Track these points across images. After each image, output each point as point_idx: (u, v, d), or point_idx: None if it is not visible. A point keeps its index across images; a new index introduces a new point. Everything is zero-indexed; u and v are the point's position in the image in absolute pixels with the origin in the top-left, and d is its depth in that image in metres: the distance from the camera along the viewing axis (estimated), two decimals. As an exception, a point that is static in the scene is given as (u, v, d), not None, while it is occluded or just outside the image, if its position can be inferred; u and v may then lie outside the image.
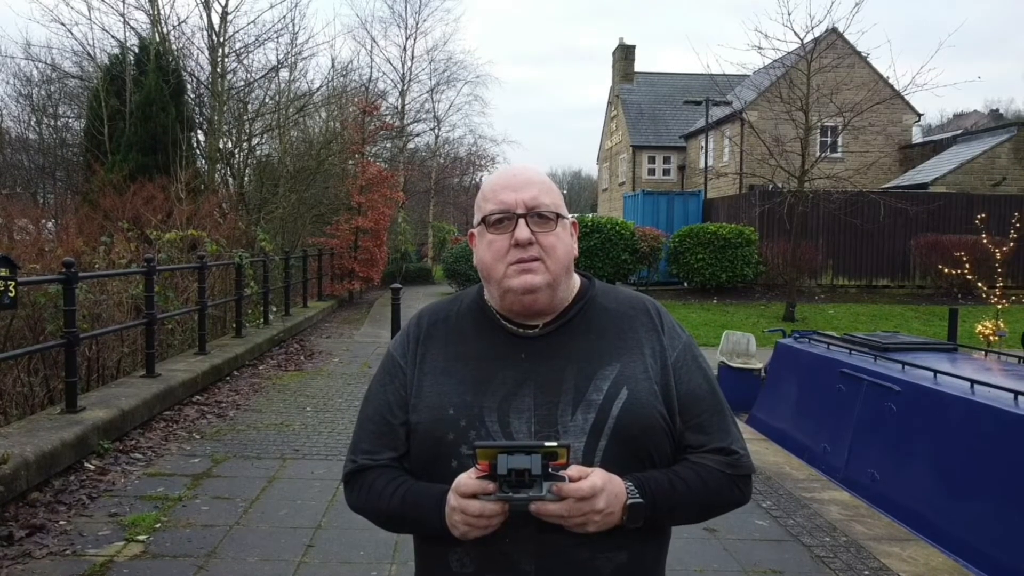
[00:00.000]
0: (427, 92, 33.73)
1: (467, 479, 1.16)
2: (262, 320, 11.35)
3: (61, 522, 4.12)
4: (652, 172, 38.70)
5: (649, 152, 38.62)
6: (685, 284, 20.19)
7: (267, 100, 18.60)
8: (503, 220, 1.30)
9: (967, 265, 10.85)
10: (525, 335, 1.34)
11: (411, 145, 34.06)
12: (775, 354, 7.93)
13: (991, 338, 8.62)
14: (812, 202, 17.32)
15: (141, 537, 3.96)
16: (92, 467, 4.97)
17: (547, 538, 1.21)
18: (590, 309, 1.38)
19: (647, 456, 1.29)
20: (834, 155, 26.67)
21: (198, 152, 16.24)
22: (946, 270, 13.65)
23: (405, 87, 31.82)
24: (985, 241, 10.35)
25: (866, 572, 3.90)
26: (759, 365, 9.29)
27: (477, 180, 42.93)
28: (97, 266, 8.34)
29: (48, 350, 5.83)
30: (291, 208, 16.16)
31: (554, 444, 1.10)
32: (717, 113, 27.71)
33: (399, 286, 11.90)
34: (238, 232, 11.96)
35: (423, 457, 1.31)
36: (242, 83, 18.19)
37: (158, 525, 4.14)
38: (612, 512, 1.19)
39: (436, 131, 34.68)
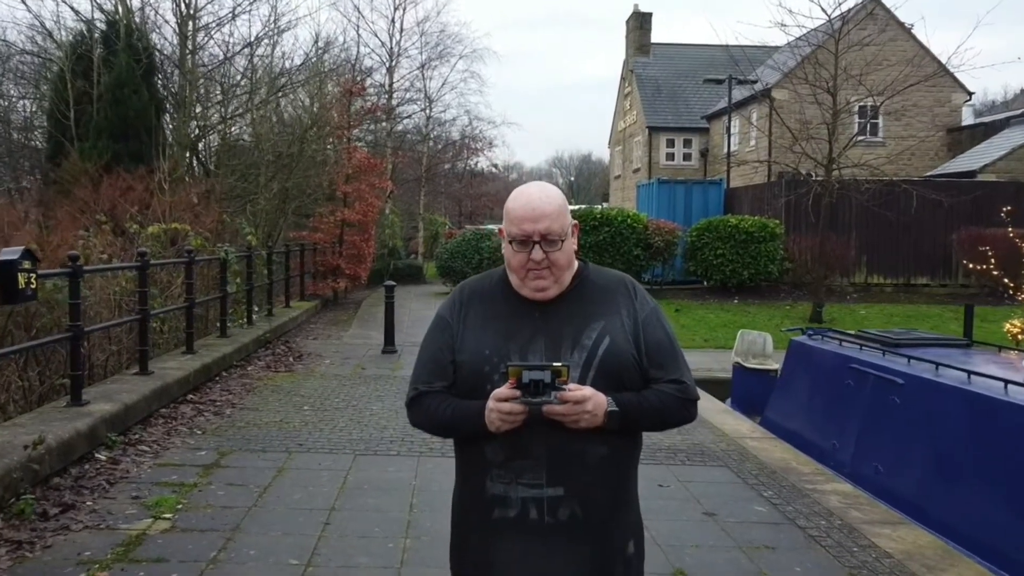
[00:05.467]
0: (417, 68, 34.68)
1: (501, 390, 2.02)
2: (246, 320, 12.19)
3: (88, 503, 4.98)
4: (671, 157, 38.82)
5: (667, 134, 38.76)
6: (704, 283, 20.92)
7: (242, 80, 19.44)
8: (524, 242, 2.16)
9: (992, 261, 11.59)
10: (538, 302, 2.20)
11: (399, 127, 34.88)
12: (788, 352, 8.78)
13: (1019, 336, 9.45)
14: (840, 193, 17.85)
15: (167, 515, 4.83)
16: (103, 457, 5.83)
17: (553, 433, 2.07)
18: (584, 284, 2.26)
19: (622, 384, 2.15)
20: (874, 139, 27.32)
21: (170, 138, 17.05)
22: (971, 266, 14.15)
23: (393, 63, 32.73)
24: (1011, 235, 11.11)
25: (855, 549, 4.77)
26: (775, 366, 9.96)
27: (473, 166, 43.74)
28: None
29: (54, 344, 6.68)
30: (272, 199, 16.92)
31: (559, 364, 1.97)
32: (742, 93, 28.29)
33: (393, 284, 12.75)
34: (221, 225, 12.79)
35: (467, 384, 2.18)
36: (215, 60, 19.04)
37: (180, 506, 5.01)
38: (597, 415, 2.05)
39: (427, 111, 35.52)
